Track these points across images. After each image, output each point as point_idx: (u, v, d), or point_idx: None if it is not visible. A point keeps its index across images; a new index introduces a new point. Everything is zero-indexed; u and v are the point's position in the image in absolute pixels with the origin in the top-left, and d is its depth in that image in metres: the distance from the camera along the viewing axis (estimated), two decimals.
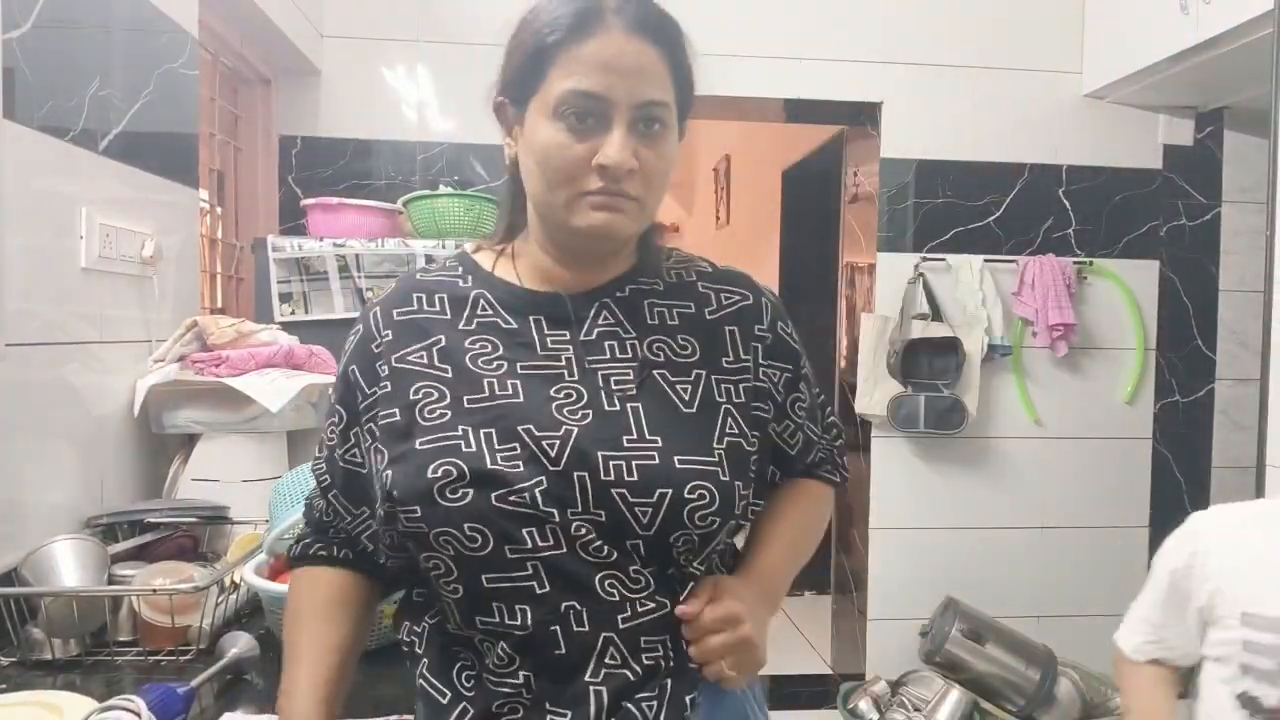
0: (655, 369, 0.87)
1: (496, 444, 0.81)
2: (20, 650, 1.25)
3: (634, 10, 0.82)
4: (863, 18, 2.88)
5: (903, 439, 2.95)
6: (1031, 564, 3.00)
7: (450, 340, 0.88)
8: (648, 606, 0.82)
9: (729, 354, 0.91)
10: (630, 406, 0.84)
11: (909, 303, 2.88)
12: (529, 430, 0.82)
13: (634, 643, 0.82)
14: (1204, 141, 2.99)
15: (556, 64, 0.81)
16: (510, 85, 0.87)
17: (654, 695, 0.82)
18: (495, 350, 0.87)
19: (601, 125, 0.81)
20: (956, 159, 2.93)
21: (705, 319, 0.92)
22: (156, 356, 1.75)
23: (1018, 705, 2.70)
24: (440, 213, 2.23)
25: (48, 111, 1.42)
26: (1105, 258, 2.98)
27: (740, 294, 0.95)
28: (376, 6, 2.70)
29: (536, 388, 0.85)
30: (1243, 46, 2.30)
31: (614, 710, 0.81)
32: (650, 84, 0.83)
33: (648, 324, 0.90)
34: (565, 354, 0.87)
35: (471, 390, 0.84)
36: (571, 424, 0.82)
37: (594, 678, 0.81)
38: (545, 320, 0.89)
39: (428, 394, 0.85)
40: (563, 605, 0.81)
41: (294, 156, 2.68)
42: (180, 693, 1.07)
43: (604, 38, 0.81)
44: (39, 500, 1.43)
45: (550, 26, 0.82)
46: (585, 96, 0.80)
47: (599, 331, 0.89)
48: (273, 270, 2.12)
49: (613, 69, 0.80)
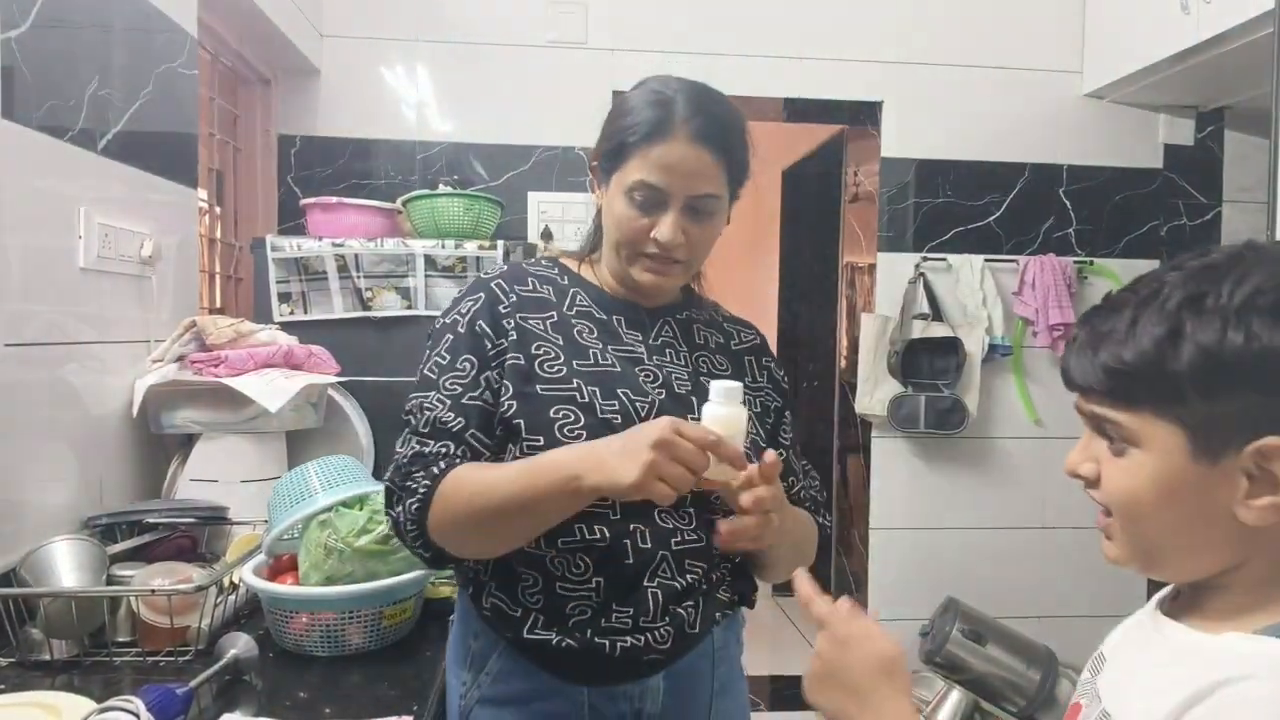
0: (701, 376, 1.12)
1: (600, 398, 1.05)
2: (19, 651, 1.25)
3: (698, 124, 1.04)
4: (863, 18, 2.88)
5: (903, 439, 2.95)
6: (1032, 564, 3.00)
7: (560, 316, 1.12)
8: (691, 537, 1.06)
9: (750, 376, 1.20)
10: (691, 396, 1.10)
11: (909, 303, 2.88)
12: (626, 393, 1.06)
13: (680, 562, 1.05)
14: (1205, 141, 2.99)
15: (635, 157, 1.05)
16: (602, 158, 1.11)
17: (693, 605, 1.06)
18: (593, 333, 1.11)
19: (660, 208, 1.06)
20: (957, 158, 2.93)
21: (732, 348, 1.21)
22: (155, 356, 1.74)
23: (1018, 706, 2.70)
24: (440, 212, 2.23)
25: (46, 111, 1.42)
26: (1106, 257, 2.98)
27: (752, 334, 1.26)
28: (376, 6, 2.70)
29: (627, 365, 1.10)
30: (1243, 46, 2.29)
31: (665, 612, 1.04)
32: (704, 182, 1.06)
33: (695, 343, 1.18)
34: (639, 349, 1.12)
35: (580, 356, 1.08)
36: (654, 395, 1.07)
37: (650, 583, 1.04)
38: (625, 321, 1.14)
39: (546, 352, 1.08)
40: (630, 526, 1.03)
41: (293, 156, 2.68)
42: (179, 694, 1.07)
43: (672, 145, 1.04)
44: (38, 500, 1.42)
45: (633, 129, 1.05)
46: (650, 188, 1.05)
47: (662, 340, 1.15)
48: (271, 270, 2.12)
49: (673, 170, 1.04)
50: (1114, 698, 0.71)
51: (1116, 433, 0.68)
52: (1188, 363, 0.63)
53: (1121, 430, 0.67)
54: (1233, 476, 0.64)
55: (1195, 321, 0.63)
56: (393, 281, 2.13)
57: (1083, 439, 0.73)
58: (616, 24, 2.78)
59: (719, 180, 1.07)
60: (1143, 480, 0.67)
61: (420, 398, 1.07)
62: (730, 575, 1.13)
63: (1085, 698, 0.78)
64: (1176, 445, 0.65)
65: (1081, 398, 0.71)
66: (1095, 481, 0.71)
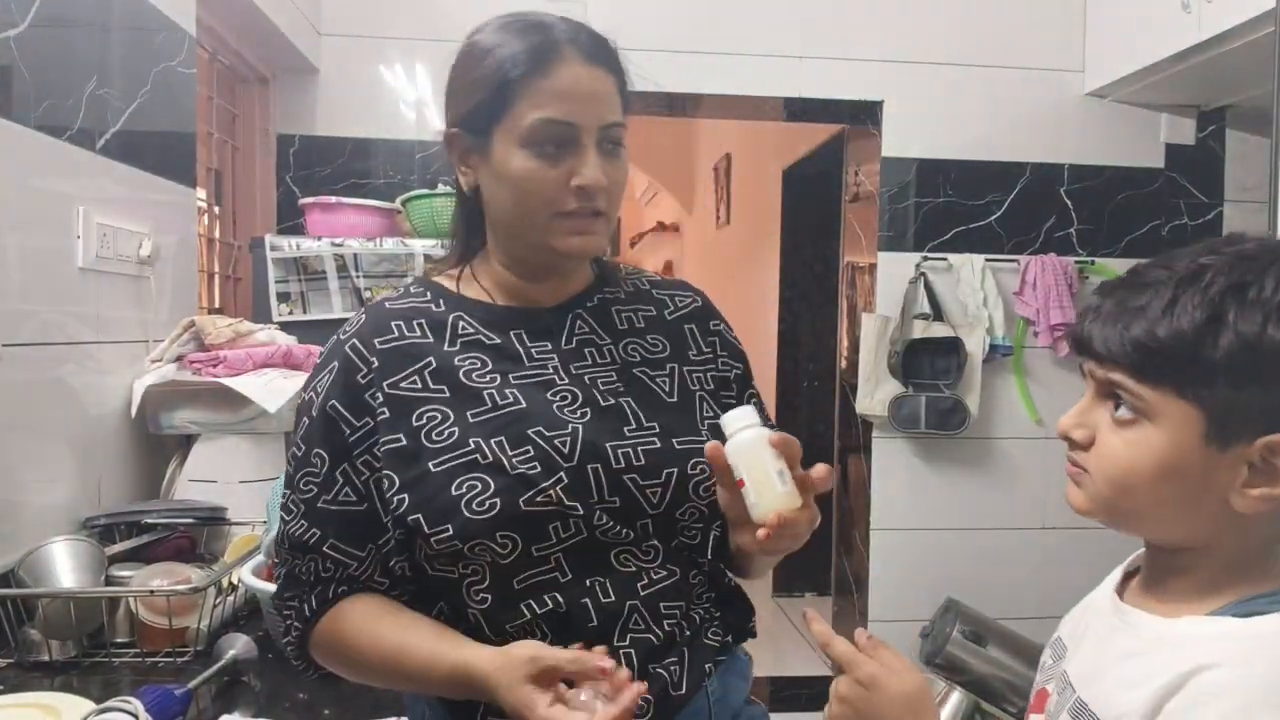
0: (634, 368, 0.94)
1: (510, 450, 0.85)
2: (17, 652, 1.25)
3: (586, 40, 0.89)
4: (863, 17, 2.87)
5: (904, 439, 2.94)
6: (1033, 565, 2.99)
7: (440, 361, 0.89)
8: (660, 574, 0.89)
9: (693, 348, 1.00)
10: (623, 400, 0.91)
11: (910, 303, 2.88)
12: (539, 432, 0.86)
13: (654, 608, 0.88)
14: (1206, 141, 2.98)
15: (522, 96, 0.86)
16: (468, 117, 0.90)
17: (676, 661, 0.89)
18: (485, 365, 0.90)
19: (572, 148, 0.86)
20: (958, 158, 2.92)
21: (666, 320, 1.00)
22: (154, 357, 1.74)
23: (1019, 707, 2.69)
24: (439, 212, 2.22)
25: (45, 110, 1.41)
26: (1107, 257, 2.97)
27: (689, 296, 1.04)
28: (375, 5, 2.69)
29: (534, 394, 0.89)
30: (1245, 45, 2.29)
31: (642, 674, 0.85)
32: (609, 107, 0.89)
33: (619, 329, 0.97)
34: (551, 362, 0.92)
35: (474, 404, 0.87)
36: (575, 421, 0.88)
37: (622, 641, 0.87)
38: (525, 333, 0.93)
39: (431, 417, 0.87)
40: (587, 581, 0.86)
41: (292, 155, 2.67)
42: (178, 694, 1.07)
43: (565, 69, 0.86)
44: (36, 501, 1.42)
45: (510, 61, 0.86)
46: (556, 124, 0.86)
47: (578, 340, 0.94)
48: (270, 270, 2.11)
49: (577, 97, 0.86)
50: (1089, 689, 0.71)
51: (1132, 405, 0.68)
52: (1225, 350, 0.63)
53: (1139, 403, 0.67)
54: (1237, 464, 0.64)
55: (1238, 311, 0.63)
56: (392, 281, 2.13)
57: (1083, 402, 0.73)
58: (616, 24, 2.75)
59: (618, 104, 0.90)
60: (1145, 453, 0.67)
61: (285, 496, 0.92)
62: (717, 609, 0.95)
63: (1052, 684, 0.78)
64: (1192, 426, 0.65)
65: (1097, 364, 0.70)
66: (1086, 446, 0.72)
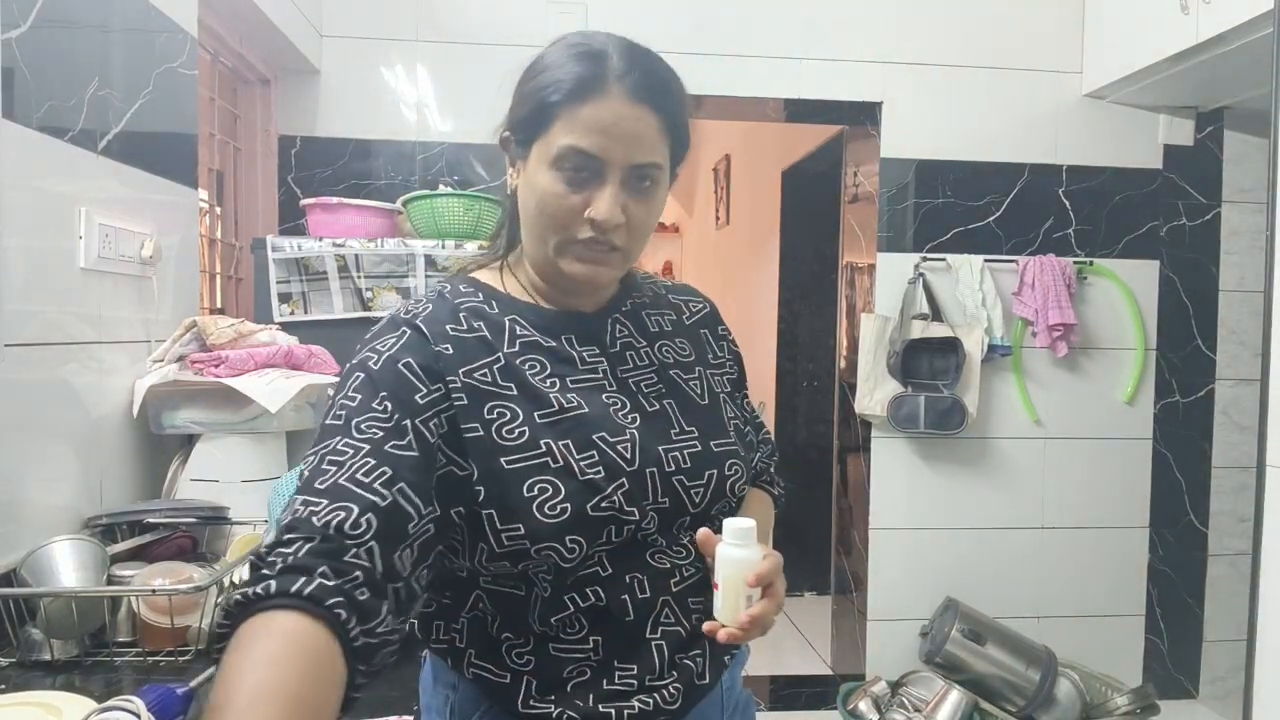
0: (669, 370, 0.97)
1: (576, 454, 0.85)
2: (19, 651, 1.25)
3: (637, 78, 0.86)
4: (863, 18, 2.88)
5: (903, 439, 2.95)
6: (1031, 564, 3.00)
7: (507, 359, 0.89)
8: (690, 571, 0.92)
9: (711, 352, 1.05)
10: (666, 404, 0.94)
11: (909, 303, 2.88)
12: (603, 438, 0.87)
13: (684, 603, 0.92)
14: (1204, 141, 2.99)
15: (559, 120, 0.86)
16: (516, 125, 0.92)
17: (700, 653, 0.92)
18: (545, 368, 0.90)
19: (596, 180, 0.87)
20: (957, 159, 2.93)
21: (686, 324, 1.04)
22: (155, 357, 1.75)
23: (1018, 706, 2.70)
24: (440, 213, 2.23)
25: (47, 111, 1.42)
26: (1105, 258, 2.98)
27: (700, 302, 1.09)
28: (376, 6, 2.70)
29: (592, 398, 0.90)
30: (1243, 46, 2.30)
31: (671, 665, 0.90)
32: (644, 148, 0.87)
33: (651, 332, 1.00)
34: (600, 366, 0.93)
35: (540, 405, 0.87)
36: (631, 427, 0.90)
37: (654, 634, 0.90)
38: (575, 338, 0.94)
39: (500, 413, 0.86)
40: (626, 577, 0.89)
41: (293, 156, 2.68)
42: (179, 693, 1.07)
43: (605, 104, 0.85)
44: (38, 500, 1.43)
45: (555, 86, 0.86)
46: (583, 154, 0.85)
47: (620, 344, 0.96)
48: (272, 270, 2.12)
49: (610, 133, 0.85)
50: None
51: None
52: None
53: None
54: None
55: None
56: (393, 282, 2.13)
57: None
58: (616, 24, 2.74)
59: (661, 147, 0.89)
60: None
61: (321, 449, 0.79)
62: None
63: None
64: None
65: None
66: None
